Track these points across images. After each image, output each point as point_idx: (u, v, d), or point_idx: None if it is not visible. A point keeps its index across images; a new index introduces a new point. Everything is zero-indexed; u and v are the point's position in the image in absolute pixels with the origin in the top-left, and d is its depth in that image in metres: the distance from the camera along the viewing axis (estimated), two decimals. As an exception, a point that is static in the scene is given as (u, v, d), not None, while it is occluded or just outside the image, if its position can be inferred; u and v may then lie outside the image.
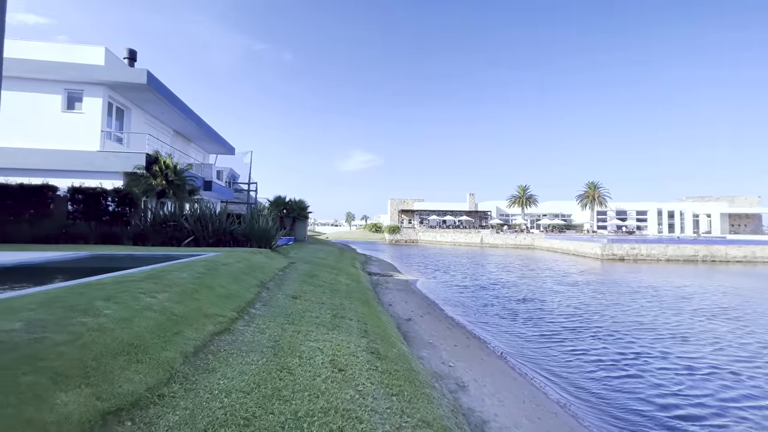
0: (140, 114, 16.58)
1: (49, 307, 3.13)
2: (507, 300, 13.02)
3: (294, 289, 7.80)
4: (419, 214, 67.93)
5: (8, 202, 11.32)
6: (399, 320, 8.89)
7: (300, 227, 29.10)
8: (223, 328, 4.26)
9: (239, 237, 12.64)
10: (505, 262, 28.76)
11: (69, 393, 2.20)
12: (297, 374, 3.49)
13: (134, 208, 12.74)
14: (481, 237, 53.19)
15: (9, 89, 12.45)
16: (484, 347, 7.88)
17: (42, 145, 12.98)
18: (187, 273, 5.64)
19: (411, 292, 13.85)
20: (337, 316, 6.34)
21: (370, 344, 5.19)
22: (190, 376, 2.96)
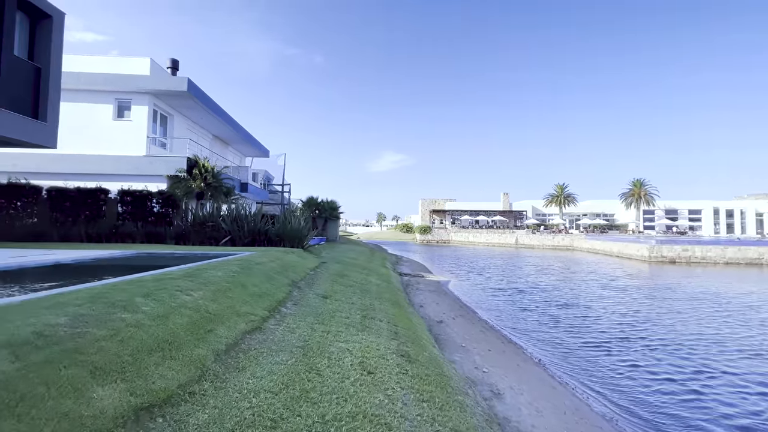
0: (182, 120, 17.49)
1: (93, 302, 3.27)
2: (547, 305, 12.32)
3: (325, 289, 7.83)
4: (451, 214, 66.89)
5: (67, 204, 12.30)
6: (430, 322, 8.70)
7: (332, 227, 29.50)
8: (254, 326, 4.30)
9: (273, 237, 12.96)
10: (543, 263, 27.53)
11: (105, 387, 2.26)
12: (325, 376, 3.44)
13: (176, 209, 13.42)
14: (516, 237, 51.48)
15: (68, 101, 13.55)
16: (521, 353, 7.51)
17: (96, 151, 14.02)
18: (222, 271, 5.79)
19: (443, 293, 13.58)
20: (367, 317, 6.28)
21: (401, 347, 5.06)
22: (220, 374, 2.98)
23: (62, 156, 13.61)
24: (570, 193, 58.76)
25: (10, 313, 2.83)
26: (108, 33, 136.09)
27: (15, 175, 12.61)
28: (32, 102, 9.42)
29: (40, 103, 9.49)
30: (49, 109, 9.62)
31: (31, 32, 9.52)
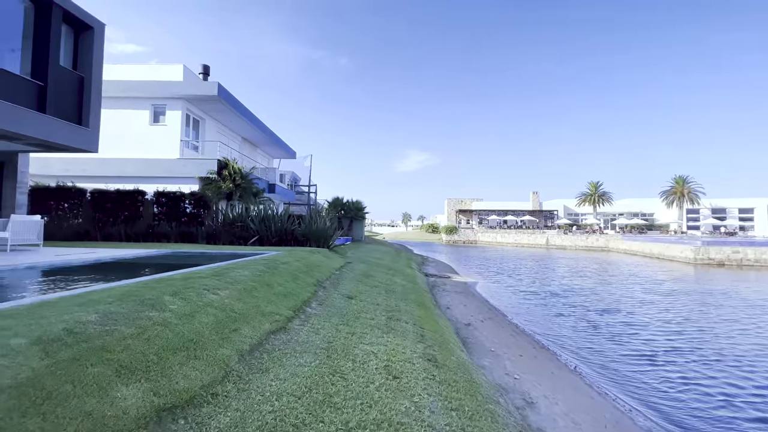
0: (213, 123, 18.09)
1: (123, 300, 3.33)
2: (584, 310, 11.51)
3: (350, 289, 7.77)
4: (478, 214, 65.59)
5: (108, 206, 12.98)
6: (457, 325, 8.44)
7: (357, 227, 29.61)
8: (279, 326, 4.27)
9: (299, 237, 13.10)
10: (577, 265, 26.27)
11: (130, 387, 2.25)
12: (350, 380, 3.33)
13: (207, 210, 13.86)
14: (546, 238, 49.73)
15: (108, 108, 14.33)
16: (554, 359, 7.12)
17: (134, 155, 14.74)
18: (249, 271, 5.84)
19: (470, 295, 13.23)
20: (392, 318, 6.14)
21: (427, 350, 4.89)
22: (244, 376, 2.94)
23: (104, 160, 14.40)
24: (605, 192, 56.01)
25: (48, 309, 2.91)
26: (147, 44, 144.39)
27: (62, 179, 13.47)
28: (77, 109, 9.98)
29: (83, 109, 10.05)
30: (92, 116, 10.17)
31: (75, 43, 10.10)
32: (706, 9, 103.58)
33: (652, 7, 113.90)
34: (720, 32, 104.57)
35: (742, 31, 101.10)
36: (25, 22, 8.93)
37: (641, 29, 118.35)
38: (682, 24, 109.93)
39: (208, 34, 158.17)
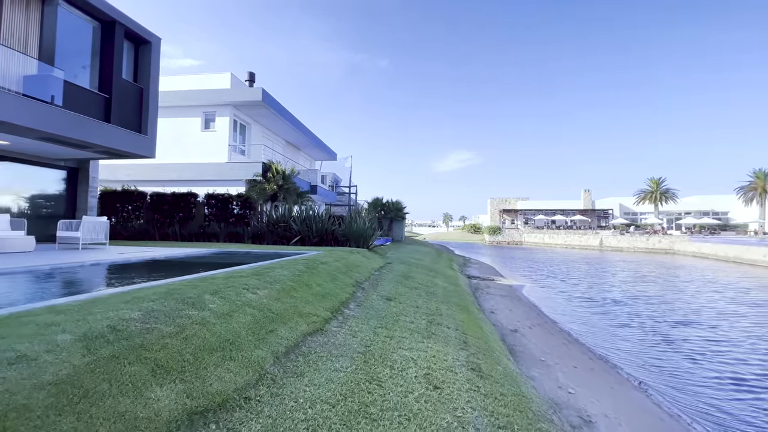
0: (258, 128, 18.85)
1: (166, 298, 3.40)
2: (654, 320, 10.04)
3: (389, 291, 7.60)
4: (523, 214, 62.80)
5: (165, 208, 13.94)
6: (503, 330, 7.96)
7: (397, 228, 29.46)
8: (316, 328, 4.19)
9: (340, 237, 13.19)
10: (639, 269, 23.86)
11: (164, 387, 2.22)
12: (387, 388, 3.14)
13: (253, 211, 14.41)
14: (600, 239, 46.35)
15: (165, 116, 15.45)
16: (614, 373, 6.43)
17: (187, 160, 15.73)
18: (288, 270, 5.86)
19: (516, 299, 12.53)
20: (433, 322, 5.87)
21: (471, 358, 4.57)
22: (278, 380, 2.85)
23: (161, 165, 15.52)
24: (668, 189, 51.03)
25: (97, 305, 3.02)
26: (202, 57, 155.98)
27: (127, 183, 14.69)
28: (137, 118, 10.79)
29: (142, 118, 10.84)
30: (150, 124, 10.94)
31: (135, 57, 10.92)
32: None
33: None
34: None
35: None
36: (93, 40, 9.78)
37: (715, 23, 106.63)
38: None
39: (254, 44, 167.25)
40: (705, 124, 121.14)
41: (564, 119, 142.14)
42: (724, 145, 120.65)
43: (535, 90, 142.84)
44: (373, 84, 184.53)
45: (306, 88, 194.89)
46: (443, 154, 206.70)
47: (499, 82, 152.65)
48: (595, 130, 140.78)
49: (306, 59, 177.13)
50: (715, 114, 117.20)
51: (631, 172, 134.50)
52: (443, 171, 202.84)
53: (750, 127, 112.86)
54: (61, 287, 4.75)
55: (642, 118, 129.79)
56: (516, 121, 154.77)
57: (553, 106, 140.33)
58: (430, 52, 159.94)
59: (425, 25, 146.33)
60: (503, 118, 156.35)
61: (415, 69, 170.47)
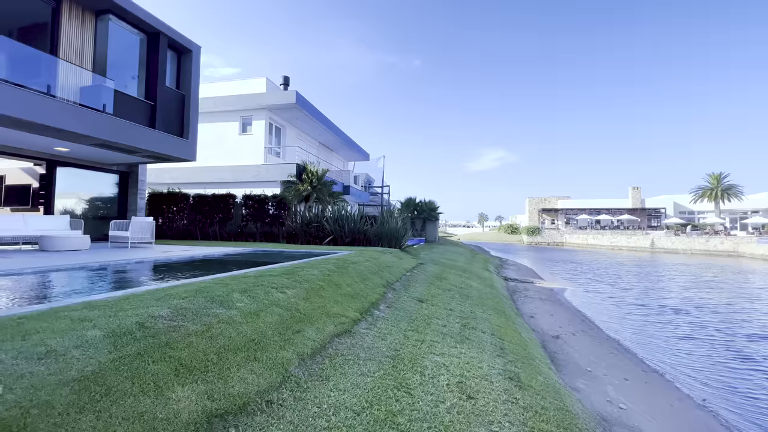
0: (293, 130, 19.28)
1: (195, 296, 3.42)
2: (723, 333, 8.75)
3: (421, 292, 7.38)
4: (565, 214, 59.82)
5: (206, 209, 14.58)
6: (544, 337, 7.47)
7: (430, 228, 29.04)
8: (343, 329, 4.07)
9: (371, 237, 13.12)
10: (702, 274, 21.41)
11: (185, 388, 2.18)
12: (416, 396, 2.95)
13: (287, 211, 14.71)
14: (651, 240, 43.07)
15: (205, 122, 16.20)
16: (672, 389, 5.79)
17: (225, 163, 16.39)
18: (318, 270, 5.82)
19: (557, 303, 11.82)
20: (467, 326, 5.58)
21: (508, 366, 4.26)
22: (302, 383, 2.75)
23: (203, 168, 16.28)
24: (731, 185, 46.27)
25: (130, 302, 3.08)
26: (241, 66, 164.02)
27: (172, 186, 15.54)
28: (179, 123, 11.34)
29: (184, 123, 11.37)
30: (191, 128, 11.46)
31: (177, 66, 11.49)
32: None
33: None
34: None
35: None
36: (139, 51, 10.39)
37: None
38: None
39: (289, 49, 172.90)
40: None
41: (609, 114, 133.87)
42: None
43: (576, 85, 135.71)
44: (406, 84, 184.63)
45: (339, 90, 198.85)
46: (478, 153, 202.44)
47: (536, 77, 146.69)
48: (643, 125, 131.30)
49: (339, 62, 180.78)
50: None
51: (686, 168, 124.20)
52: (478, 170, 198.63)
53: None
54: (104, 284, 4.99)
55: (699, 111, 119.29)
56: (555, 117, 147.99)
57: (597, 101, 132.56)
58: (464, 50, 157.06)
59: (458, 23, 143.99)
60: (541, 115, 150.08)
61: (448, 68, 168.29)
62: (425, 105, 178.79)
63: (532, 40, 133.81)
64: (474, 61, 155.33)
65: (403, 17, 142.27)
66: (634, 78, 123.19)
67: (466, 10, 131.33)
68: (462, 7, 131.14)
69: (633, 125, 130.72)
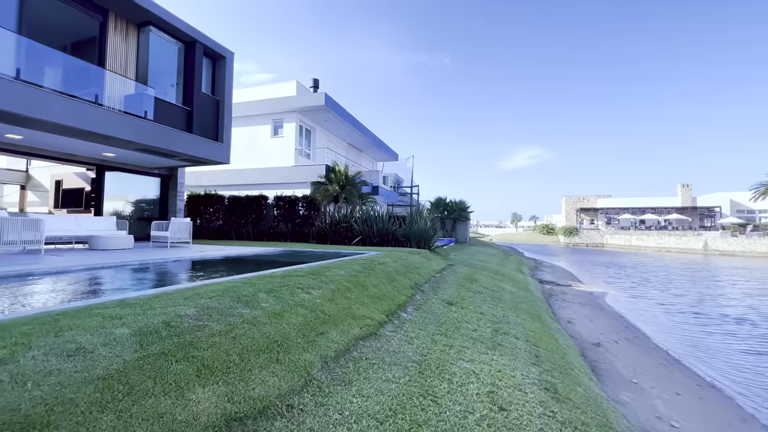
0: (322, 132, 19.55)
1: (222, 296, 3.45)
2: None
3: (450, 294, 7.16)
4: (605, 213, 56.71)
5: (239, 210, 15.08)
6: (583, 344, 7.02)
7: (461, 228, 28.46)
8: (369, 332, 3.98)
9: (400, 237, 12.99)
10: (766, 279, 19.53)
11: (206, 389, 2.16)
12: (443, 405, 2.79)
13: (317, 212, 14.90)
14: (704, 241, 39.83)
15: (239, 126, 16.77)
16: (733, 407, 5.21)
17: (258, 165, 16.88)
18: (345, 270, 5.78)
19: (597, 308, 11.12)
20: (499, 331, 5.32)
21: (544, 376, 3.99)
22: (324, 387, 2.67)
23: (237, 171, 16.86)
24: (800, 180, 41.74)
25: (160, 300, 3.15)
26: (274, 71, 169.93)
27: (209, 188, 16.21)
28: (214, 128, 11.78)
29: (219, 127, 11.80)
30: (225, 132, 11.87)
31: (212, 72, 11.95)
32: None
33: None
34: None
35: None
36: (178, 59, 10.89)
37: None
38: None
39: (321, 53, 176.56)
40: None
41: (654, 109, 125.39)
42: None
43: (617, 79, 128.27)
44: (435, 83, 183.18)
45: (369, 91, 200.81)
46: (510, 151, 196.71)
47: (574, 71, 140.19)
48: (694, 120, 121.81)
49: (369, 63, 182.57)
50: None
51: (744, 164, 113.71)
52: (510, 169, 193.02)
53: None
54: (140, 281, 5.21)
55: (757, 103, 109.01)
56: (594, 112, 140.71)
57: (641, 95, 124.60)
58: (494, 46, 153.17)
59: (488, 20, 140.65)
60: (578, 111, 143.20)
61: (478, 65, 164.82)
62: (455, 103, 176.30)
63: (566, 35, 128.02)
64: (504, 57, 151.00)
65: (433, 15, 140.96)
66: (685, 73, 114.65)
67: (496, 6, 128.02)
68: (492, 3, 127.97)
69: (682, 121, 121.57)
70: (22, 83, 7.28)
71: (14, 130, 8.04)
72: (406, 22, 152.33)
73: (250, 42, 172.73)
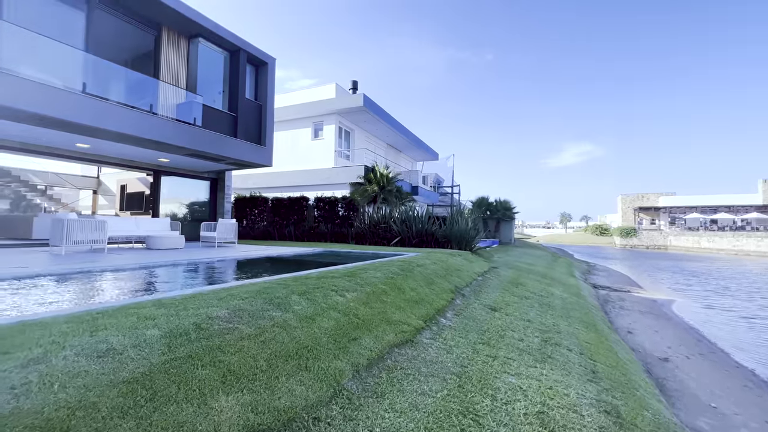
0: (361, 133, 19.63)
1: (255, 297, 3.41)
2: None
3: (493, 299, 6.72)
4: (669, 212, 51.76)
5: (282, 211, 15.52)
6: (647, 358, 6.27)
7: (505, 229, 27.29)
8: (404, 339, 3.76)
9: (440, 238, 12.61)
10: None
11: (230, 397, 2.06)
12: (486, 426, 2.50)
13: (356, 212, 14.93)
14: (791, 243, 34.90)
15: (281, 130, 17.31)
16: None
17: (299, 167, 17.29)
18: (381, 272, 5.60)
19: (663, 317, 9.99)
20: (549, 341, 4.86)
21: (604, 395, 3.52)
22: (354, 399, 2.50)
23: (280, 173, 17.39)
24: None
25: (194, 301, 3.16)
26: (316, 77, 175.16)
27: (254, 190, 16.88)
28: (257, 132, 12.20)
29: (261, 131, 12.19)
30: (267, 135, 12.24)
31: (255, 78, 12.38)
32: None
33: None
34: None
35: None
36: (223, 67, 11.40)
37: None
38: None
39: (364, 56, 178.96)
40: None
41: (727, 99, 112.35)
42: None
43: (680, 70, 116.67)
44: (478, 79, 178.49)
45: (410, 91, 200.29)
46: (558, 148, 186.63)
47: (631, 62, 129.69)
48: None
49: (410, 64, 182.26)
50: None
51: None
52: (559, 166, 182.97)
53: None
54: (183, 280, 5.39)
55: None
56: (653, 106, 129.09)
57: (709, 86, 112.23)
58: (541, 39, 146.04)
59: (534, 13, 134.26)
60: (635, 104, 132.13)
61: (524, 59, 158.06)
62: (498, 100, 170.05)
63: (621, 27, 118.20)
64: (551, 51, 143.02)
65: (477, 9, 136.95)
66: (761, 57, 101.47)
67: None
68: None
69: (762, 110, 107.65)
70: (88, 96, 7.95)
71: (83, 140, 8.81)
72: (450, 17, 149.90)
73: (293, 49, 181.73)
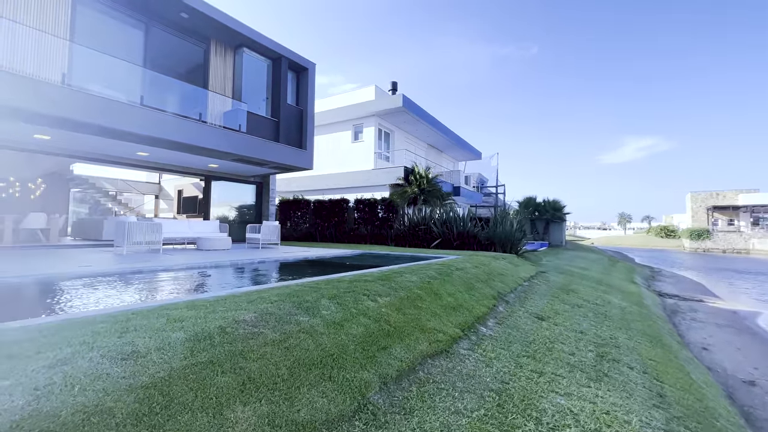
0: (401, 134, 19.48)
1: (284, 300, 3.35)
2: None
3: (540, 307, 6.21)
4: (751, 212, 45.78)
5: (323, 213, 15.79)
6: (728, 381, 5.43)
7: (555, 230, 25.70)
8: (439, 349, 3.51)
9: (483, 240, 12.07)
10: None
11: (247, 407, 1.97)
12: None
13: (395, 214, 14.78)
14: None
15: (322, 134, 17.65)
16: None
17: (339, 170, 17.51)
18: (417, 276, 5.38)
19: (746, 331, 8.70)
20: (605, 357, 4.34)
21: (674, 425, 3.02)
22: (380, 415, 2.31)
23: (321, 176, 17.74)
24: None
25: (224, 304, 3.16)
26: (358, 81, 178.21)
27: (297, 193, 17.37)
28: (299, 136, 12.50)
29: (302, 135, 12.48)
30: (308, 139, 12.50)
31: (296, 83, 12.71)
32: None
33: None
34: None
35: None
36: (266, 75, 11.81)
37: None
38: None
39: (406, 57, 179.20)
40: None
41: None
42: None
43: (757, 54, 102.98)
44: (522, 76, 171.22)
45: (452, 91, 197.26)
46: (615, 142, 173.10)
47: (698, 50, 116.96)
48: None
49: (452, 63, 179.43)
50: None
51: None
52: (615, 162, 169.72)
53: None
54: (224, 281, 5.54)
55: None
56: (730, 92, 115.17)
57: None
58: (591, 28, 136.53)
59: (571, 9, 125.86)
60: (707, 92, 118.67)
61: (573, 51, 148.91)
62: (544, 96, 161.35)
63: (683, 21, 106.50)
64: (605, 36, 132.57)
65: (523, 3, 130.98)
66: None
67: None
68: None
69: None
70: (147, 108, 8.58)
71: (142, 149, 9.54)
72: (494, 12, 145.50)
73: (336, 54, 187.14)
